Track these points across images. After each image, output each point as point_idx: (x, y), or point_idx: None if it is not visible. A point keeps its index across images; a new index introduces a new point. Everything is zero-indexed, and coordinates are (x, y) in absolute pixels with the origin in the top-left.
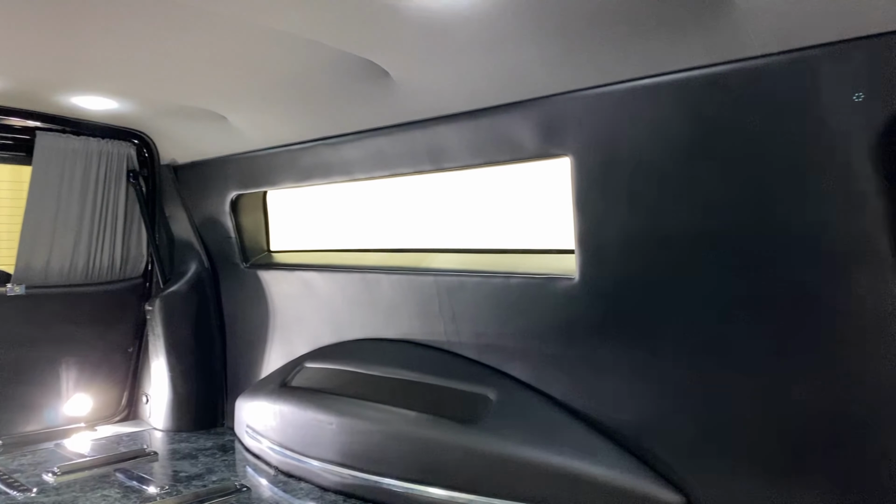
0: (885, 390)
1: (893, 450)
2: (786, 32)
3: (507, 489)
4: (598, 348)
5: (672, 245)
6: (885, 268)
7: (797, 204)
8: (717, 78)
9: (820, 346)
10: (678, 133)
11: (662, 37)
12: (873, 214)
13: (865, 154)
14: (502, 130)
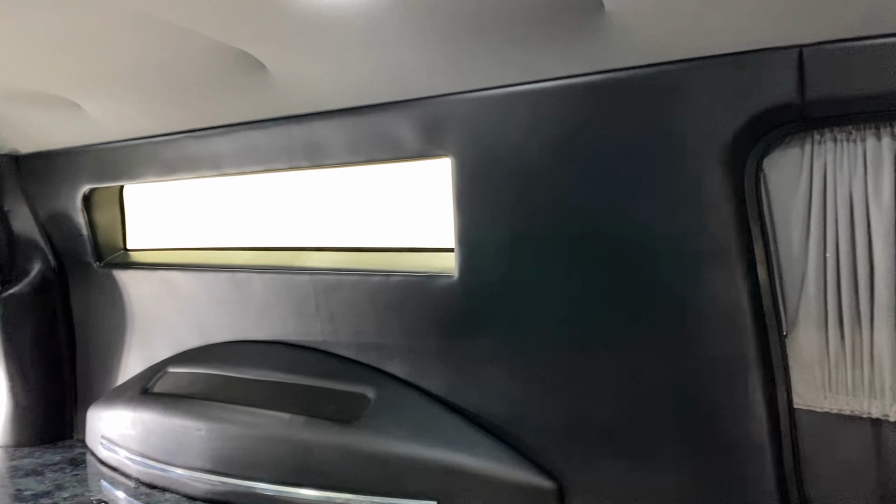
0: (730, 376)
1: (737, 431)
2: (652, 47)
3: (386, 486)
4: (475, 344)
5: (545, 244)
6: (733, 266)
7: (657, 208)
8: (591, 87)
9: (675, 338)
10: (554, 138)
11: (541, 46)
12: (723, 218)
13: (717, 163)
14: (383, 129)
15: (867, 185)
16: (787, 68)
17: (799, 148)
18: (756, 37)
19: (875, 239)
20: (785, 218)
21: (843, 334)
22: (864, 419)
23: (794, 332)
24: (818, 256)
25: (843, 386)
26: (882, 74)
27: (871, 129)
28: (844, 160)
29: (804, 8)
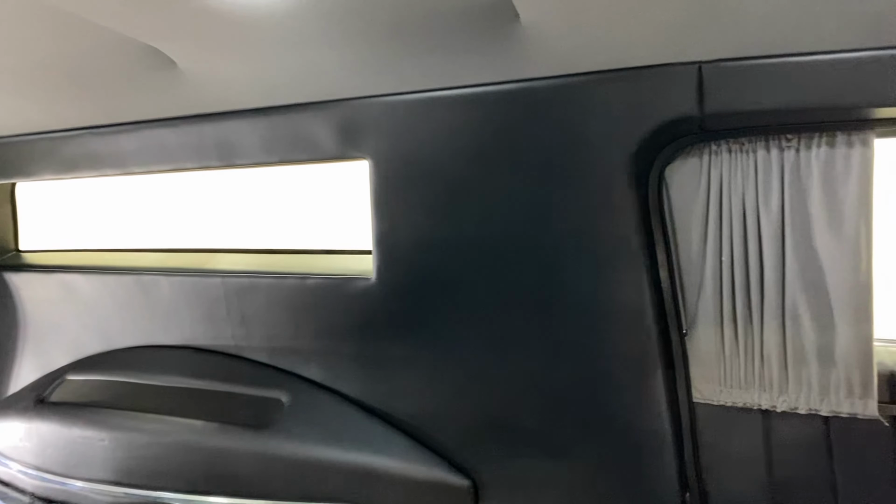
0: (635, 373)
1: (641, 425)
2: (564, 59)
3: (302, 491)
4: (392, 346)
5: (461, 247)
6: (637, 269)
7: (568, 213)
8: (506, 95)
9: (583, 338)
10: (471, 143)
11: (458, 53)
12: (628, 224)
13: (623, 171)
14: (300, 129)
15: (758, 193)
16: (688, 83)
17: (698, 158)
18: (659, 52)
19: (764, 243)
20: (685, 224)
21: (736, 332)
22: (755, 410)
23: (693, 330)
24: (714, 260)
25: (737, 380)
26: (772, 92)
27: (761, 141)
28: (738, 170)
29: (702, 27)
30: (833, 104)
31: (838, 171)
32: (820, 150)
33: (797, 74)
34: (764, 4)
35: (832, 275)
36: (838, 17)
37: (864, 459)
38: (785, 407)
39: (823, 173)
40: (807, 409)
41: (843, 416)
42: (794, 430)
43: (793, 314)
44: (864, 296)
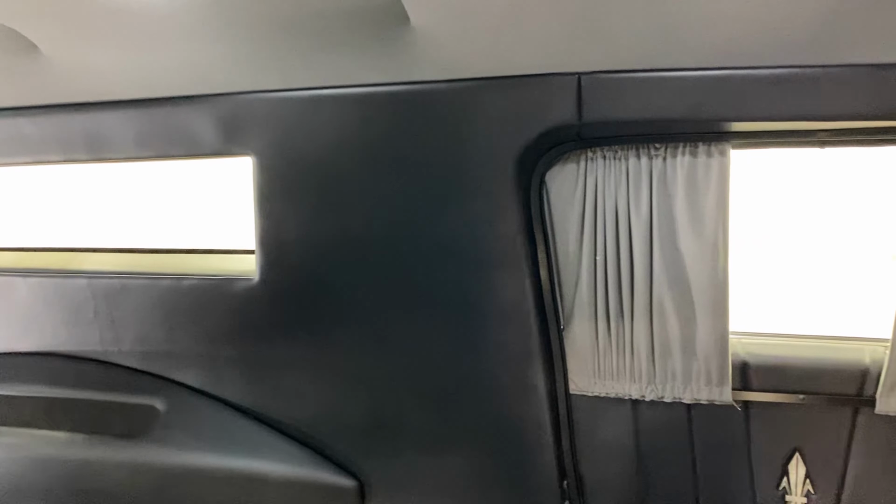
0: (516, 369)
1: (522, 417)
2: (453, 64)
3: (182, 501)
4: (276, 348)
5: (347, 248)
6: (519, 269)
7: (454, 215)
8: (396, 96)
9: (468, 336)
10: (359, 144)
11: (347, 52)
12: (511, 226)
13: (507, 176)
14: (178, 124)
15: (629, 197)
16: (568, 92)
17: (576, 164)
18: (542, 62)
19: (635, 244)
20: (563, 225)
21: (609, 327)
22: (626, 400)
23: (570, 326)
24: (590, 259)
25: (610, 372)
26: (643, 103)
27: (632, 150)
28: (611, 176)
29: (582, 40)
30: (695, 117)
31: (699, 179)
32: (684, 159)
33: (665, 88)
34: (636, 22)
35: (693, 273)
36: (701, 36)
37: (720, 442)
38: (653, 396)
39: (686, 180)
40: (672, 398)
41: (702, 403)
42: (660, 418)
43: (659, 309)
44: (721, 292)
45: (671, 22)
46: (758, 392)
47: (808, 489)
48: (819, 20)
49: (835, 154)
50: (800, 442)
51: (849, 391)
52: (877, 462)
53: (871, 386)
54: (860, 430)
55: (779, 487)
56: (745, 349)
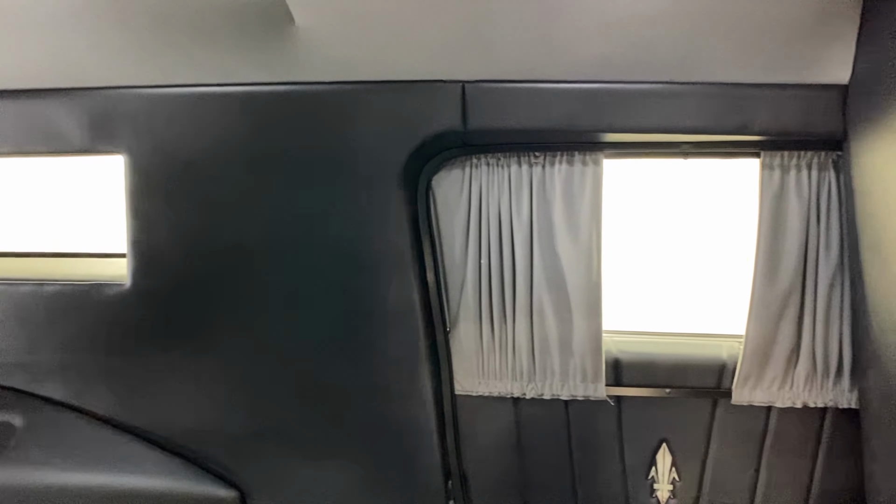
0: (404, 371)
1: (408, 418)
2: (340, 66)
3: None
4: (150, 357)
5: (227, 250)
6: (407, 272)
7: (342, 218)
8: (282, 96)
9: (356, 339)
10: (243, 143)
11: (230, 50)
12: (399, 229)
13: (395, 180)
14: (41, 118)
15: (511, 203)
16: (453, 100)
17: (461, 170)
18: (428, 68)
19: (517, 248)
20: (450, 230)
21: (493, 329)
22: (508, 399)
23: (456, 328)
24: (475, 262)
25: (493, 372)
26: (523, 113)
27: (514, 157)
28: (495, 182)
29: (466, 50)
30: (571, 128)
31: (575, 186)
32: (561, 168)
33: (544, 99)
34: (518, 34)
35: (570, 275)
36: (577, 51)
37: (595, 435)
38: (533, 394)
39: (564, 188)
40: (550, 395)
41: (579, 399)
42: (539, 414)
43: (539, 310)
44: (595, 293)
45: (550, 36)
46: (628, 387)
47: (674, 477)
48: (683, 41)
49: (697, 165)
50: (666, 433)
51: (709, 384)
52: (733, 448)
53: (728, 379)
54: (719, 420)
55: (648, 476)
56: (618, 347)
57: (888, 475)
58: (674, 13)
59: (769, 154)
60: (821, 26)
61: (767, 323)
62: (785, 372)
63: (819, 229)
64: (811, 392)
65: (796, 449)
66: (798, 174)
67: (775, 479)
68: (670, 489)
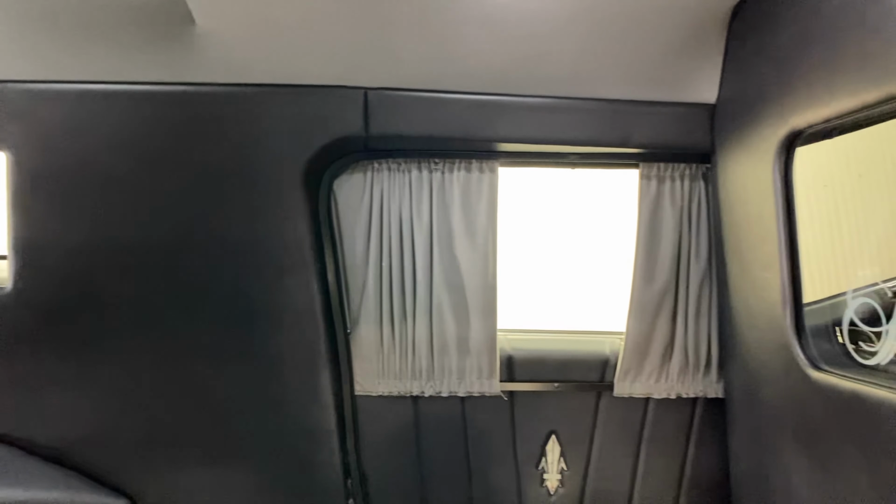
0: (304, 373)
1: (309, 420)
2: (241, 68)
3: None
4: (34, 364)
5: (120, 253)
6: (308, 274)
7: (242, 220)
8: (181, 96)
9: (255, 341)
10: (136, 143)
11: (128, 49)
12: (300, 231)
13: (296, 182)
14: None
15: (412, 207)
16: (356, 105)
17: (363, 174)
18: (331, 74)
19: (417, 251)
20: (351, 232)
21: (393, 329)
22: (407, 398)
23: (357, 329)
24: (376, 264)
25: (393, 372)
26: (424, 121)
27: (415, 163)
28: (396, 186)
29: (368, 57)
30: (469, 137)
31: (473, 192)
32: (459, 174)
33: (443, 108)
34: (419, 46)
35: (468, 277)
36: (475, 64)
37: (490, 429)
38: (431, 392)
39: (462, 193)
40: (448, 392)
41: (475, 395)
42: (438, 412)
43: (438, 311)
44: (491, 294)
45: (449, 49)
46: (521, 382)
47: (562, 466)
48: (572, 59)
49: (584, 174)
50: (555, 425)
51: (593, 378)
52: (615, 438)
53: (611, 373)
54: (602, 412)
55: (538, 467)
56: (511, 344)
57: (749, 456)
58: (563, 33)
59: (647, 165)
60: (691, 51)
61: (645, 321)
62: (661, 366)
63: (690, 235)
64: (684, 384)
65: (671, 436)
66: (672, 184)
67: (652, 464)
68: (559, 478)
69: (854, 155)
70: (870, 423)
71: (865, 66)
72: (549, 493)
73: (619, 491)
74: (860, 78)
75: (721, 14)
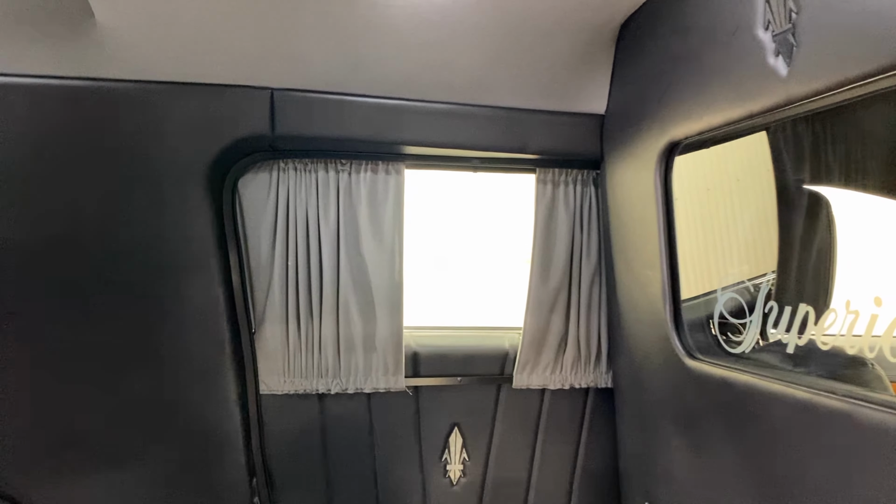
0: (208, 373)
1: (213, 420)
2: (144, 65)
3: None
4: None
5: (10, 251)
6: (212, 273)
7: (144, 218)
8: (81, 91)
9: (158, 342)
10: (31, 139)
11: (22, 40)
12: (204, 230)
13: (199, 181)
14: None
15: (318, 207)
16: (262, 105)
17: (268, 173)
18: (237, 74)
19: (324, 250)
20: (256, 232)
21: (300, 328)
22: (313, 395)
23: (262, 329)
24: (282, 264)
25: (299, 370)
26: (331, 123)
27: (321, 163)
28: (303, 186)
29: (274, 59)
30: (375, 139)
31: (379, 193)
32: (366, 175)
33: (350, 111)
34: (327, 50)
35: (374, 276)
36: (382, 70)
37: (395, 424)
38: (337, 389)
39: (369, 194)
40: (354, 389)
41: (381, 392)
42: (344, 409)
43: (345, 310)
44: (397, 293)
45: (356, 53)
46: (425, 377)
47: (465, 457)
48: (474, 69)
49: (487, 178)
50: (458, 418)
51: (493, 371)
52: (513, 427)
53: (510, 366)
54: (502, 403)
55: (441, 458)
56: (416, 341)
57: (634, 440)
58: (464, 44)
59: (543, 171)
60: (583, 65)
61: (541, 317)
62: (555, 359)
63: (582, 236)
64: (576, 375)
65: (565, 425)
66: (566, 189)
67: (548, 451)
68: (461, 468)
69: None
70: (736, 405)
71: (729, 87)
72: (452, 483)
73: (518, 478)
74: (726, 98)
75: (608, 32)
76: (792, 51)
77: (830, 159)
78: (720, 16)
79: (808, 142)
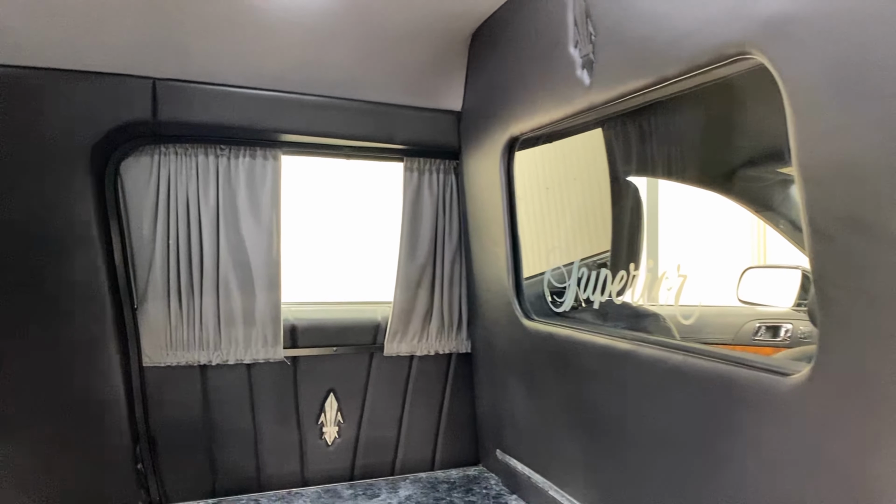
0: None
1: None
2: (24, 49)
3: None
4: None
5: None
6: (94, 253)
7: (24, 198)
8: None
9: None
10: None
11: None
12: (86, 212)
13: (82, 164)
14: None
15: (199, 189)
16: (144, 93)
17: (150, 157)
18: (120, 62)
19: (204, 230)
20: (138, 213)
21: (181, 304)
22: (195, 367)
23: (144, 304)
24: (163, 244)
25: (181, 343)
26: (212, 111)
27: (202, 149)
28: (183, 170)
29: (157, 49)
30: (253, 127)
31: (257, 177)
32: (245, 160)
33: (230, 101)
34: (209, 42)
35: (253, 255)
36: (261, 63)
37: (275, 392)
38: (219, 360)
39: (247, 178)
40: (235, 361)
41: (260, 362)
42: (225, 380)
43: (225, 286)
44: (275, 270)
45: (235, 48)
46: (303, 348)
47: (339, 419)
48: (346, 65)
49: (358, 165)
50: (333, 384)
51: (366, 341)
52: (384, 391)
53: (382, 336)
54: (374, 370)
55: (318, 422)
56: (294, 315)
57: (488, 396)
58: (335, 43)
59: (409, 160)
60: (441, 66)
61: (409, 290)
62: (422, 328)
63: (445, 219)
64: (440, 343)
65: (431, 387)
66: (430, 177)
67: (416, 412)
68: (336, 430)
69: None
70: (560, 354)
71: (551, 94)
72: (328, 444)
73: (388, 437)
74: (548, 102)
75: (462, 40)
76: (592, 66)
77: (636, 156)
78: (546, 33)
79: (620, 142)
